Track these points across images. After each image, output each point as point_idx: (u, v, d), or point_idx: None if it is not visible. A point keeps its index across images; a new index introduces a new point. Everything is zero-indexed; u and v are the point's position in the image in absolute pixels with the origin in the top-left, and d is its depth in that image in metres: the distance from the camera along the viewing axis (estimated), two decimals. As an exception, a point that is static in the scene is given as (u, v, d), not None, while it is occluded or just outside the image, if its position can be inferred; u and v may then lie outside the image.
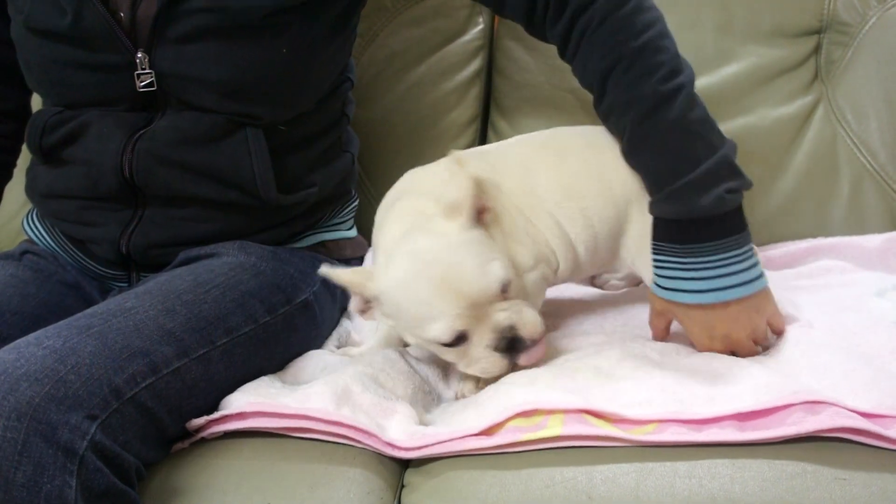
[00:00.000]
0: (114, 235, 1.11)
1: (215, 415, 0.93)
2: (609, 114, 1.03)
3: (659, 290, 1.01)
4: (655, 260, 1.00)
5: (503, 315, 0.93)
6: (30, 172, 1.20)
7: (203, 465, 0.91)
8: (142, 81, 1.07)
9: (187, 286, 0.99)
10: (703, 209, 0.95)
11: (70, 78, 1.09)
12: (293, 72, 1.10)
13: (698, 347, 1.02)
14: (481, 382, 0.99)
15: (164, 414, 0.88)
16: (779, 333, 1.02)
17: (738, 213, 0.98)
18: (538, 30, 1.10)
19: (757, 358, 0.98)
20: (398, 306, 0.94)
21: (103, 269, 1.16)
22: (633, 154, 1.01)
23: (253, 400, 0.93)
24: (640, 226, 1.05)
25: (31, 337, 0.84)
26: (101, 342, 0.84)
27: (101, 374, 0.82)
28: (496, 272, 0.92)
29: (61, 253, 1.19)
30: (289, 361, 1.08)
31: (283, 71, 1.09)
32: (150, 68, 1.06)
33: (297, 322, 1.08)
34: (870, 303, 1.10)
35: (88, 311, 0.92)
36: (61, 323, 0.88)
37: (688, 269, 0.97)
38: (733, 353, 1.00)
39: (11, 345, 0.83)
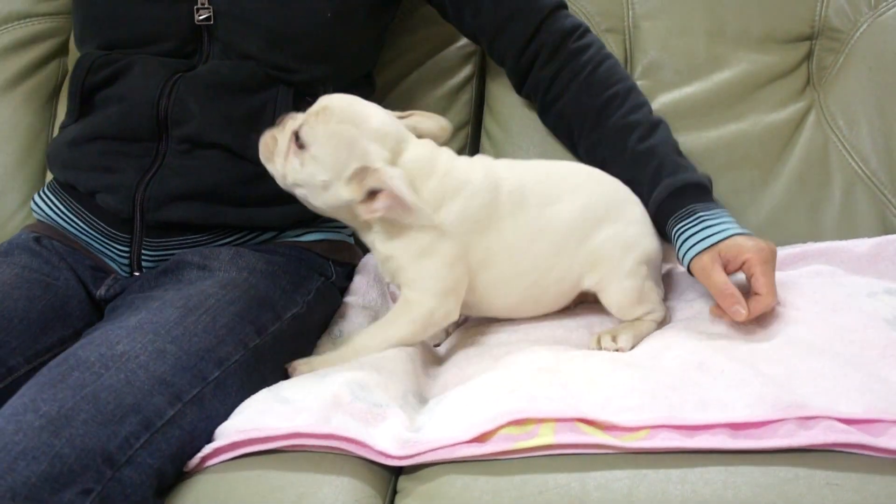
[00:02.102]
0: (131, 182, 1.15)
1: (207, 450, 0.92)
2: (606, 137, 1.22)
3: (710, 239, 1.08)
4: (684, 228, 1.11)
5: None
6: (53, 142, 1.26)
7: (188, 479, 0.90)
8: (200, 15, 1.17)
9: (177, 317, 0.99)
10: (706, 176, 1.18)
11: (132, 10, 1.18)
12: (331, 37, 1.21)
13: (761, 270, 1.05)
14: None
15: (167, 464, 0.88)
16: None
17: None
18: (523, 69, 1.29)
19: (750, 361, 0.98)
20: None
21: (109, 229, 1.17)
22: (641, 160, 1.18)
23: (242, 427, 0.92)
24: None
25: (27, 399, 0.84)
26: (93, 406, 0.84)
27: (95, 443, 0.82)
28: None
29: (70, 216, 1.20)
30: (280, 379, 1.07)
31: (324, 33, 1.20)
32: (208, 4, 1.16)
33: (285, 339, 1.09)
34: (860, 303, 1.10)
35: (82, 354, 0.91)
36: (55, 374, 0.88)
37: (724, 213, 1.12)
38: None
39: (10, 410, 0.83)
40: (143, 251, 1.17)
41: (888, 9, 1.37)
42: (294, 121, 1.09)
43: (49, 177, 1.29)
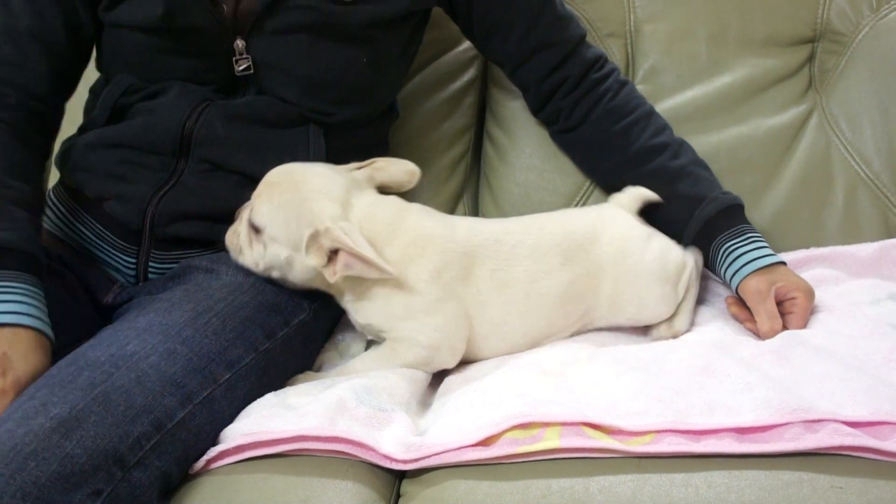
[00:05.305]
0: (145, 194, 1.14)
1: (212, 453, 0.92)
2: (633, 160, 1.25)
3: (762, 260, 1.14)
4: (736, 246, 1.16)
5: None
6: (69, 142, 1.24)
7: (193, 481, 0.91)
8: (240, 66, 1.17)
9: (187, 319, 0.99)
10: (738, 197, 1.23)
11: (164, 61, 1.17)
12: (366, 81, 1.22)
13: (804, 310, 1.10)
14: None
15: (174, 467, 0.89)
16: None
17: None
18: (544, 96, 1.31)
19: (755, 365, 0.98)
20: None
21: (116, 239, 1.17)
22: (675, 178, 1.23)
23: (248, 431, 0.92)
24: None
25: (37, 401, 0.84)
26: (104, 407, 0.85)
27: (106, 444, 0.82)
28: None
29: (76, 224, 1.20)
30: (286, 384, 1.07)
31: (359, 79, 1.21)
32: (247, 54, 1.16)
33: (294, 344, 1.09)
34: (865, 310, 1.10)
35: (92, 354, 0.91)
36: (65, 374, 0.88)
37: (760, 238, 1.18)
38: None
39: (20, 413, 0.83)
40: (150, 263, 1.17)
41: (890, 11, 1.37)
42: (247, 209, 1.09)
43: (52, 182, 1.29)
